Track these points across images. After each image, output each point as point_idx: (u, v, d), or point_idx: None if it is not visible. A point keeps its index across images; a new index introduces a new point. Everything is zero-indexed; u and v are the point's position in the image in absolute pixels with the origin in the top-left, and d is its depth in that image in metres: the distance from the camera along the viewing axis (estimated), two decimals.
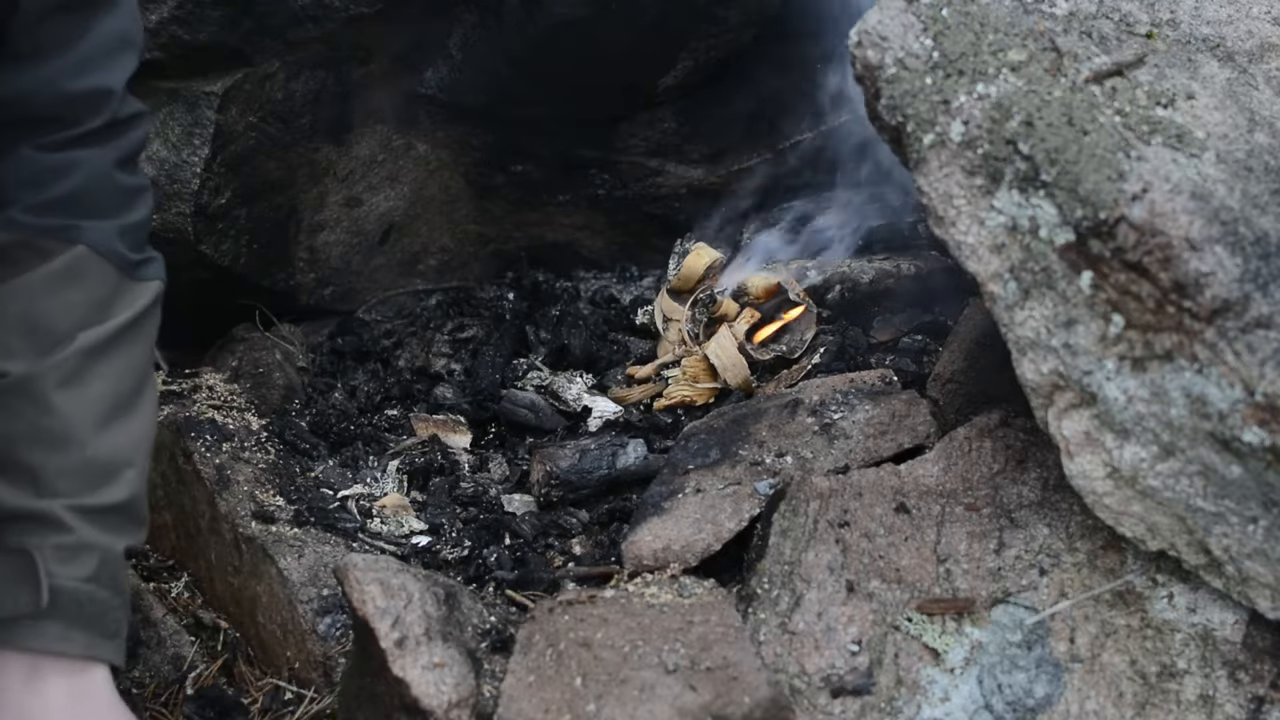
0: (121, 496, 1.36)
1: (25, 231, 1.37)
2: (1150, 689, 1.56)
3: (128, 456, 1.38)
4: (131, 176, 1.47)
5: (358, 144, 2.41)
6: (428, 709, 1.45)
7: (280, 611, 1.80)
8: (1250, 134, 1.58)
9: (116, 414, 1.37)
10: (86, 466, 1.33)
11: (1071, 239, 1.49)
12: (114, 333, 1.38)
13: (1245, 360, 1.40)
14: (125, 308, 1.40)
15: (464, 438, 2.26)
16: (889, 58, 1.61)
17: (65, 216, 1.38)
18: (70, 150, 1.40)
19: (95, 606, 1.32)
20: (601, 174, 2.58)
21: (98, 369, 1.36)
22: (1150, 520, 1.54)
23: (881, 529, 1.69)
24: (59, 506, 1.31)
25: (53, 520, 1.30)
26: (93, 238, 1.39)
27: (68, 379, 1.34)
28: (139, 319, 1.42)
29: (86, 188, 1.40)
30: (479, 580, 1.86)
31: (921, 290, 2.34)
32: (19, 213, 1.37)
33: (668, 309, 2.38)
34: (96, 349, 1.36)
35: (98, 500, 1.33)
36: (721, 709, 1.43)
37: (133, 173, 1.48)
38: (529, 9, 2.29)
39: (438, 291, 2.64)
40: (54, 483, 1.32)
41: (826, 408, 1.98)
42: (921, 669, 1.57)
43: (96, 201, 1.41)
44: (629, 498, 2.06)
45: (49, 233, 1.38)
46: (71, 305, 1.37)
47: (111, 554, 1.34)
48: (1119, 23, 1.72)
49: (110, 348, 1.38)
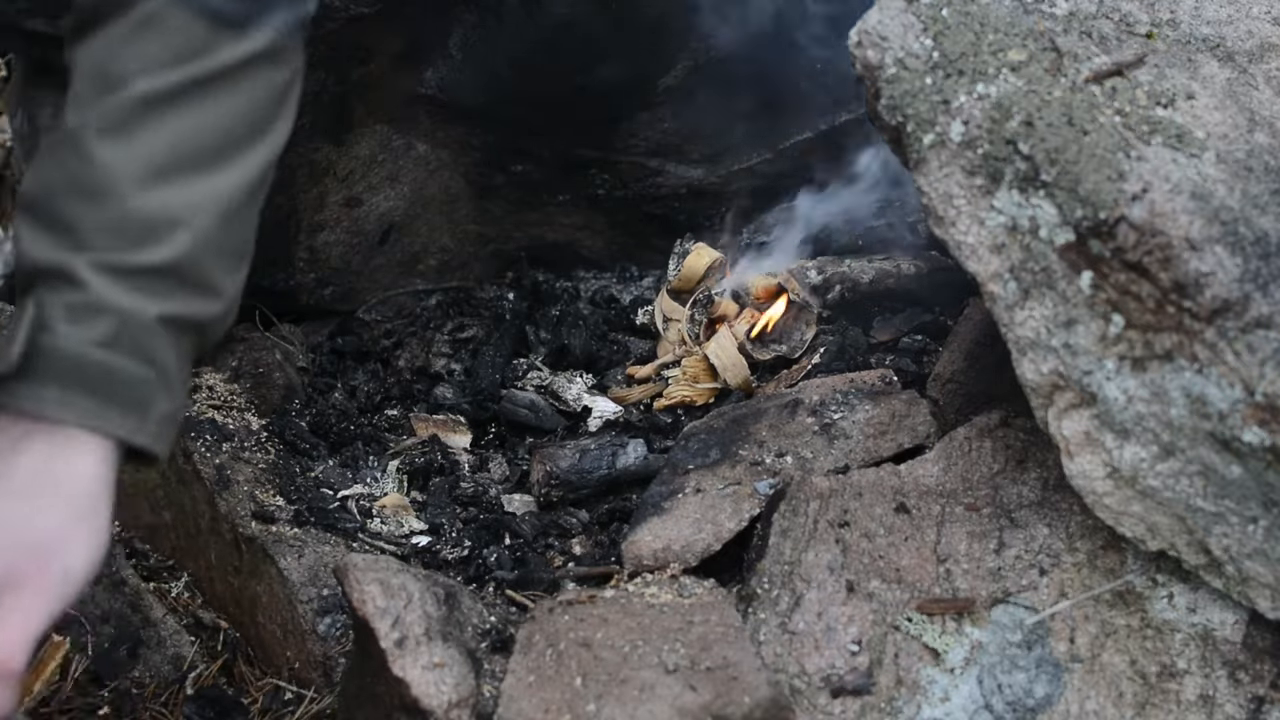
0: (162, 258, 1.22)
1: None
2: (1150, 689, 1.56)
3: (181, 216, 1.24)
4: None
5: (358, 144, 2.41)
6: (428, 709, 1.45)
7: (280, 611, 1.81)
8: (1250, 134, 1.58)
9: (177, 171, 1.24)
10: (123, 222, 1.21)
11: (1071, 239, 1.49)
12: (185, 83, 1.24)
13: (1245, 360, 1.40)
14: (209, 59, 1.25)
15: (464, 438, 2.26)
16: (889, 58, 1.61)
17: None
18: None
19: (105, 373, 1.20)
20: (601, 174, 2.58)
21: (156, 120, 1.23)
22: (1150, 520, 1.54)
23: (881, 529, 1.69)
24: (81, 262, 1.19)
25: (68, 275, 1.19)
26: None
27: (115, 127, 1.22)
28: (228, 71, 1.26)
29: None
30: (479, 580, 1.86)
31: (921, 290, 2.34)
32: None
33: (668, 309, 2.39)
34: (155, 100, 1.23)
35: (129, 259, 1.21)
36: (721, 709, 1.43)
37: None
38: (529, 9, 2.29)
39: (438, 291, 2.64)
40: (89, 237, 1.20)
41: (826, 408, 1.98)
42: (921, 669, 1.57)
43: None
44: (629, 498, 2.06)
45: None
46: (143, 52, 1.24)
47: (138, 319, 1.21)
48: (1119, 23, 1.72)
49: (177, 99, 1.24)
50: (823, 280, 2.32)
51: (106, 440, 1.21)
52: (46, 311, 1.19)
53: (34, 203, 1.24)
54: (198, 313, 1.26)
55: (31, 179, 1.25)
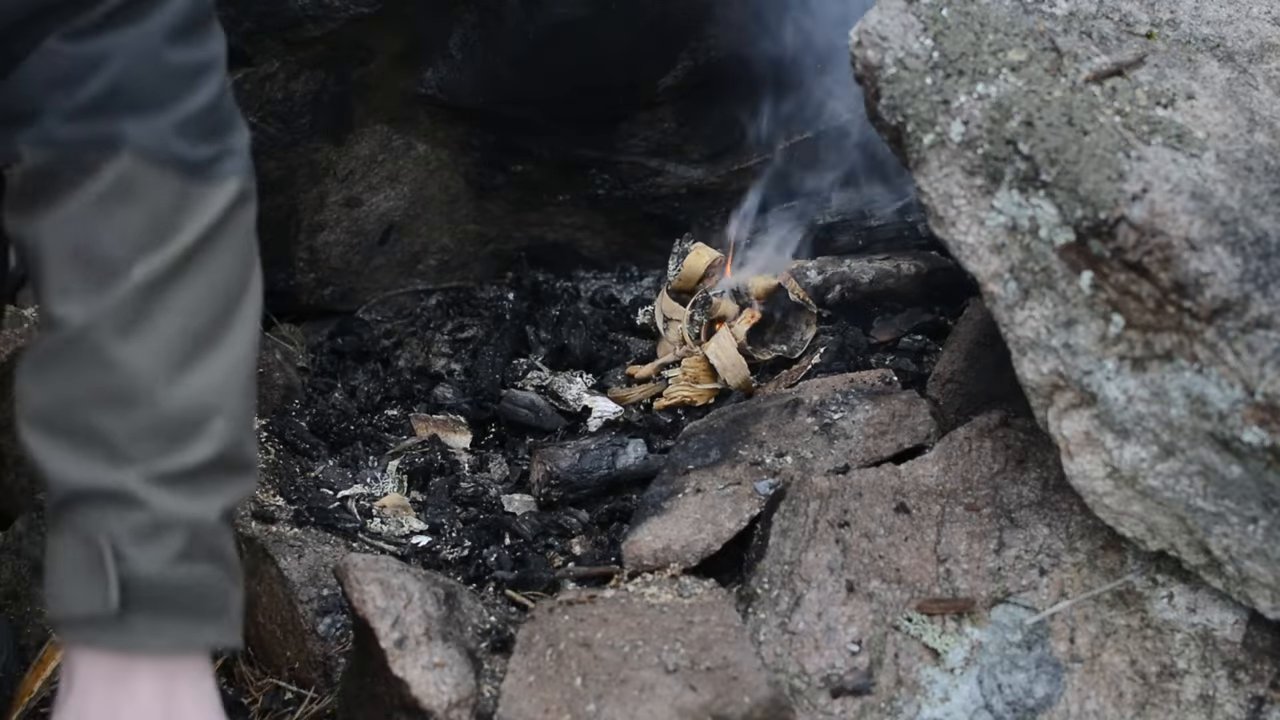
0: (208, 453, 1.16)
1: (62, 146, 1.15)
2: (1150, 689, 1.56)
3: (213, 402, 1.17)
4: (187, 51, 1.20)
5: (358, 144, 2.41)
6: (428, 709, 1.45)
7: (280, 611, 1.80)
8: (1250, 134, 1.58)
9: (196, 353, 1.17)
10: (161, 424, 1.14)
11: (1071, 239, 1.49)
12: (181, 256, 1.16)
13: (1245, 360, 1.40)
14: (193, 221, 1.17)
15: (464, 438, 2.26)
16: (889, 58, 1.61)
17: (105, 119, 1.15)
18: (103, 34, 1.15)
19: (189, 588, 1.14)
20: (601, 174, 2.58)
21: (165, 304, 1.15)
22: (1150, 520, 1.54)
23: (881, 529, 1.69)
24: (132, 479, 1.12)
25: (126, 496, 1.12)
26: (141, 141, 1.15)
27: (128, 325, 1.14)
28: (214, 230, 1.18)
29: (126, 77, 1.16)
30: (479, 580, 1.86)
31: (921, 290, 2.34)
32: (54, 123, 1.15)
33: (668, 309, 2.39)
34: (159, 281, 1.15)
35: (179, 463, 1.14)
36: (721, 709, 1.43)
37: (190, 45, 1.21)
38: (529, 9, 2.29)
39: (438, 291, 2.64)
40: (128, 448, 1.13)
41: (826, 408, 1.98)
42: (921, 669, 1.57)
43: (141, 92, 1.17)
44: (629, 498, 2.06)
45: (89, 144, 1.15)
46: (126, 228, 1.15)
47: (205, 523, 1.15)
48: (1119, 23, 1.72)
49: (179, 275, 1.16)
50: (823, 280, 2.32)
51: (202, 654, 1.18)
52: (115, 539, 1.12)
53: (52, 419, 1.15)
54: (244, 493, 1.23)
55: (42, 392, 1.16)
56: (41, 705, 1.78)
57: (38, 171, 1.17)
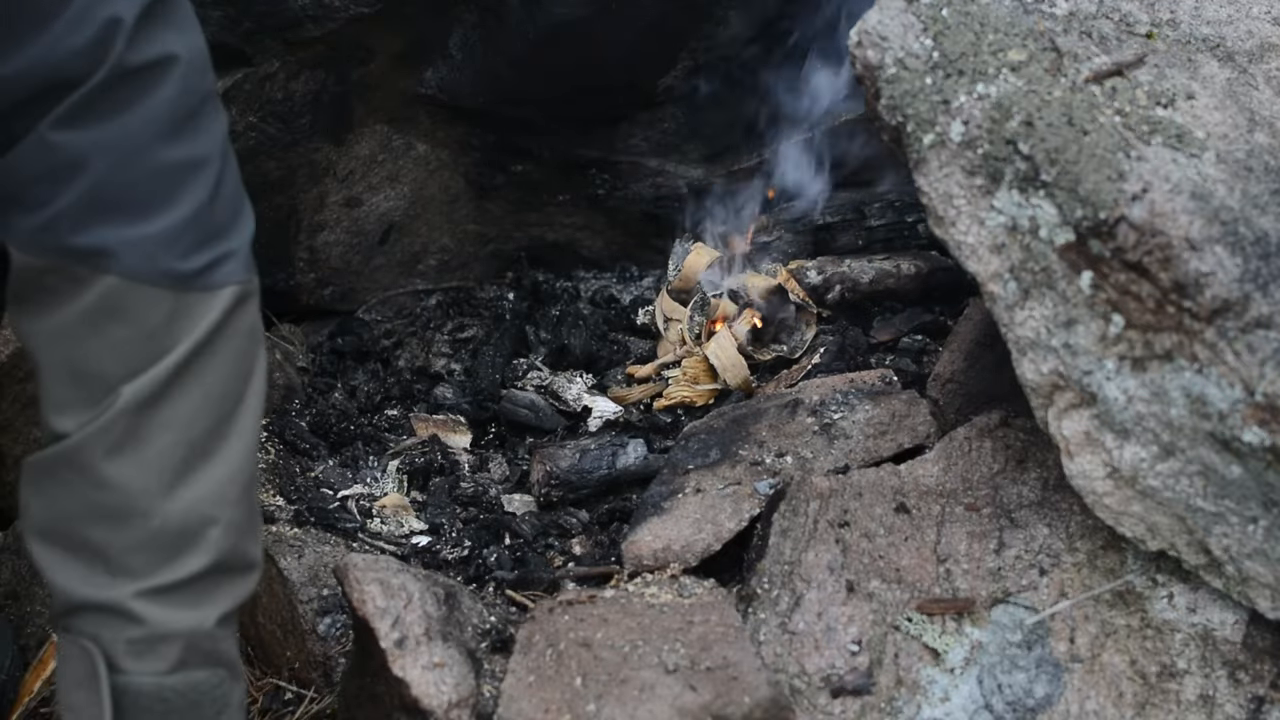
0: (204, 564, 1.16)
1: (54, 255, 1.13)
2: (1150, 689, 1.55)
3: (210, 513, 1.16)
4: (178, 146, 1.14)
5: (358, 144, 2.41)
6: (428, 709, 1.45)
7: (280, 611, 1.80)
8: (1250, 134, 1.58)
9: (191, 465, 1.16)
10: (155, 539, 1.14)
11: (1071, 239, 1.49)
12: (173, 371, 1.14)
13: (1245, 360, 1.40)
14: (187, 335, 1.14)
15: (464, 438, 2.26)
16: (889, 58, 1.61)
17: (91, 229, 1.12)
18: (84, 125, 1.11)
19: (185, 694, 1.16)
20: (601, 174, 2.58)
21: (157, 421, 1.14)
22: (1150, 520, 1.54)
23: (881, 529, 1.69)
24: (128, 595, 1.13)
25: (122, 611, 1.13)
26: (127, 261, 1.12)
27: (118, 445, 1.13)
28: (209, 340, 1.15)
29: (112, 179, 1.11)
30: (479, 580, 1.86)
31: (921, 290, 2.34)
32: (42, 227, 1.13)
33: (668, 309, 2.39)
34: (150, 399, 1.13)
35: (173, 576, 1.14)
36: (721, 709, 1.43)
37: (181, 141, 1.15)
38: (529, 9, 2.29)
39: (438, 291, 2.64)
40: (123, 563, 1.13)
41: (826, 408, 1.98)
42: (921, 669, 1.57)
43: (128, 197, 1.12)
44: (629, 498, 2.06)
45: (78, 256, 1.12)
46: (118, 345, 1.13)
47: (200, 631, 1.16)
48: (1119, 23, 1.72)
49: (171, 390, 1.14)
50: (823, 280, 2.32)
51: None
52: (109, 651, 1.14)
53: (51, 531, 1.16)
54: (245, 593, 1.22)
55: (41, 505, 1.17)
56: (41, 705, 1.78)
57: (25, 276, 1.15)
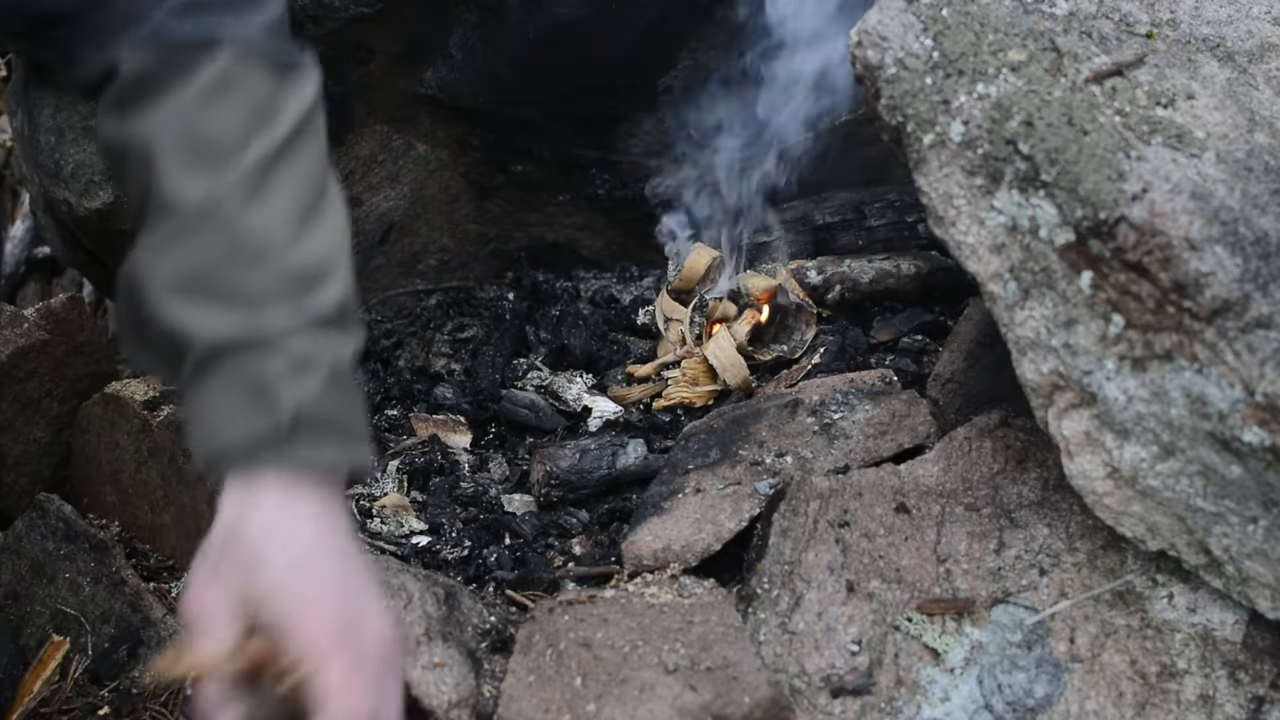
0: (336, 298, 1.27)
1: (162, 48, 1.28)
2: (1150, 689, 1.56)
3: (331, 257, 1.29)
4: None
5: (357, 144, 2.41)
6: (428, 709, 1.45)
7: None
8: (1250, 134, 1.58)
9: (309, 218, 1.29)
10: (292, 275, 1.26)
11: (1071, 239, 1.49)
12: (288, 136, 1.29)
13: (1245, 360, 1.40)
14: (291, 108, 1.30)
15: (464, 438, 2.26)
16: (889, 58, 1.61)
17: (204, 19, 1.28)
18: None
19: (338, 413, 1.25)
20: (601, 174, 2.58)
21: (280, 176, 1.28)
22: (1150, 520, 1.54)
23: (881, 529, 1.69)
24: (275, 324, 1.23)
25: (270, 340, 1.23)
26: (234, 46, 1.29)
27: (252, 194, 1.26)
28: (308, 116, 1.32)
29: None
30: (479, 580, 1.86)
31: (921, 290, 2.34)
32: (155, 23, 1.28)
33: (668, 309, 2.39)
34: (270, 159, 1.27)
35: (313, 307, 1.25)
36: (721, 709, 1.43)
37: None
38: (529, 9, 2.29)
39: (438, 291, 2.64)
40: (265, 298, 1.24)
41: (826, 408, 1.98)
42: (921, 669, 1.57)
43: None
44: (629, 498, 2.06)
45: (186, 45, 1.28)
46: (233, 114, 1.28)
47: (340, 361, 1.26)
48: (1119, 23, 1.72)
49: (286, 152, 1.29)
50: (823, 280, 2.32)
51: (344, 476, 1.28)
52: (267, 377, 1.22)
53: (190, 284, 1.24)
54: (359, 347, 1.31)
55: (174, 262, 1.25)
56: (41, 705, 1.78)
57: (139, 76, 1.28)
